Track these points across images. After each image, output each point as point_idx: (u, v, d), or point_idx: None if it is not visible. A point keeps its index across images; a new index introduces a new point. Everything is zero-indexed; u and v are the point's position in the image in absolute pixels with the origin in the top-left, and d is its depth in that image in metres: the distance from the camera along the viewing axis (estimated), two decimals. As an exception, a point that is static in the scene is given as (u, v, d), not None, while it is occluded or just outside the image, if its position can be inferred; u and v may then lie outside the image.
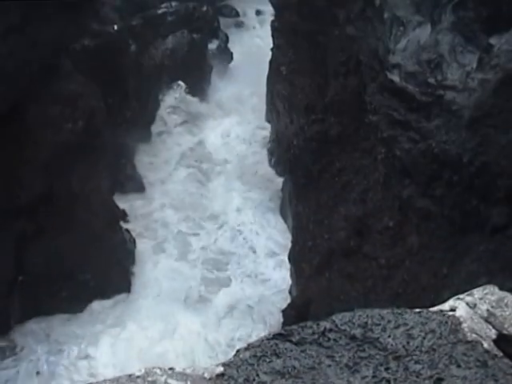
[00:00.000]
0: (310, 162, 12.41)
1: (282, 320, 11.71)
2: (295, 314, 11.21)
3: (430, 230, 8.98)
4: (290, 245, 13.07)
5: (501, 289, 2.88)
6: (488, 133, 7.79)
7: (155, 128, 17.20)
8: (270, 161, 16.47)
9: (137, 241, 13.71)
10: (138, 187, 15.23)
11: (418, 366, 2.47)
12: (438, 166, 8.52)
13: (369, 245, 10.40)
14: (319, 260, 11.77)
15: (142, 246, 13.86)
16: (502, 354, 2.55)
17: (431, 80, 8.61)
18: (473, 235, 8.29)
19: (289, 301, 12.32)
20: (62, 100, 11.37)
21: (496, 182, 7.83)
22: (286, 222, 14.42)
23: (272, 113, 16.02)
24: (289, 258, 12.98)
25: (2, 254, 10.86)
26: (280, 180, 15.09)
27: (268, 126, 16.67)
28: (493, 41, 7.91)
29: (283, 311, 11.76)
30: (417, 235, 9.29)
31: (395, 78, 9.15)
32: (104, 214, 12.49)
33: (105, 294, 12.54)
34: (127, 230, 13.36)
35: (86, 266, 12.07)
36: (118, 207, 13.54)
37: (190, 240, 14.43)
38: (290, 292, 12.75)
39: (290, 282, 12.88)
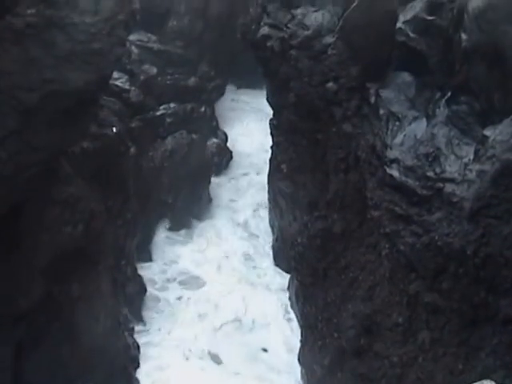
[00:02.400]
0: (315, 260, 12.68)
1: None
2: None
3: (441, 325, 9.16)
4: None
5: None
6: (490, 224, 8.12)
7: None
8: (274, 259, 16.83)
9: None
10: (140, 289, 15.47)
11: None
12: (442, 258, 8.80)
13: (379, 343, 10.55)
14: (330, 360, 11.89)
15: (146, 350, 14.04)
16: None
17: (430, 173, 9.01)
18: (485, 328, 8.49)
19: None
20: (61, 203, 11.54)
21: (502, 272, 8.10)
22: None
23: (275, 210, 16.41)
24: (298, 359, 13.09)
25: (-1, 365, 10.89)
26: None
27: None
28: (487, 132, 8.36)
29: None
30: (428, 331, 9.48)
31: (394, 172, 9.57)
32: (106, 319, 12.60)
33: (109, 404, 12.53)
34: (130, 335, 13.48)
35: (88, 374, 12.05)
36: (120, 311, 13.67)
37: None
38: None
39: None
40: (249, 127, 22.00)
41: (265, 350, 14.25)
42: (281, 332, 14.70)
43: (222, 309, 15.56)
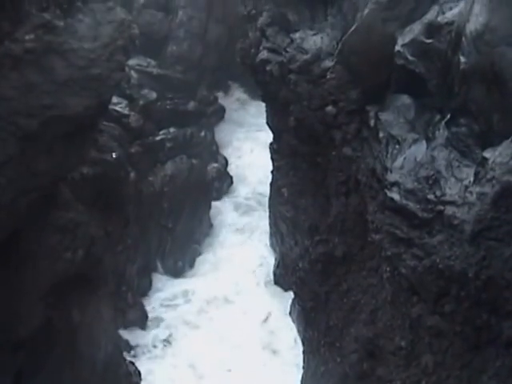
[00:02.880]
0: (317, 284, 12.70)
1: None
2: None
3: (444, 348, 9.16)
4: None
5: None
6: (491, 246, 8.14)
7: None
8: (276, 284, 16.87)
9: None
10: (141, 316, 15.49)
11: None
12: (444, 281, 8.81)
13: (382, 367, 10.55)
14: (333, 385, 11.91)
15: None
16: None
17: (430, 196, 9.04)
18: (487, 350, 8.48)
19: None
20: (61, 229, 11.59)
21: (503, 295, 8.11)
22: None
23: (276, 235, 16.45)
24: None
25: (-2, 395, 10.81)
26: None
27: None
28: (487, 154, 8.40)
29: None
30: (431, 354, 9.47)
31: (395, 195, 9.60)
32: (106, 346, 12.60)
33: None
34: (131, 362, 13.47)
35: (89, 403, 12.09)
36: (121, 337, 13.68)
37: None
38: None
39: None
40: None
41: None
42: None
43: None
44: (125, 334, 14.67)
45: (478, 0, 8.75)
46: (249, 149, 22.04)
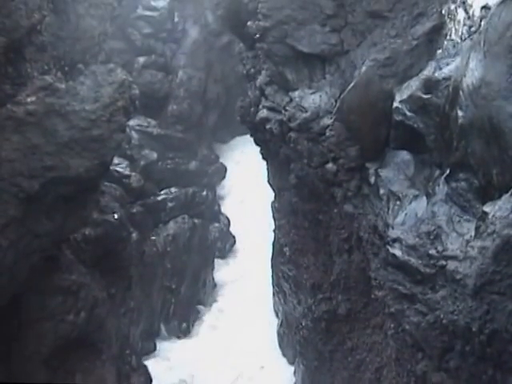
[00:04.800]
0: (321, 343, 12.68)
1: None
2: None
3: (451, 406, 9.16)
4: None
5: None
6: (494, 300, 8.15)
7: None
8: (279, 345, 16.79)
9: None
10: (145, 380, 15.40)
11: None
12: (448, 337, 8.79)
13: (389, 426, 10.53)
14: None
15: None
16: None
17: (432, 251, 9.09)
18: (495, 406, 8.49)
19: None
20: (63, 291, 11.68)
21: (508, 349, 8.08)
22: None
23: (278, 295, 16.44)
24: None
25: None
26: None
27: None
28: (487, 208, 8.47)
29: None
30: (437, 412, 9.47)
31: (397, 252, 9.67)
32: (110, 411, 12.58)
33: None
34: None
35: None
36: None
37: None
38: None
39: None
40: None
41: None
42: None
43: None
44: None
45: (474, 55, 8.91)
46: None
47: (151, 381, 15.88)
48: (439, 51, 10.44)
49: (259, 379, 16.33)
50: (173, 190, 19.15)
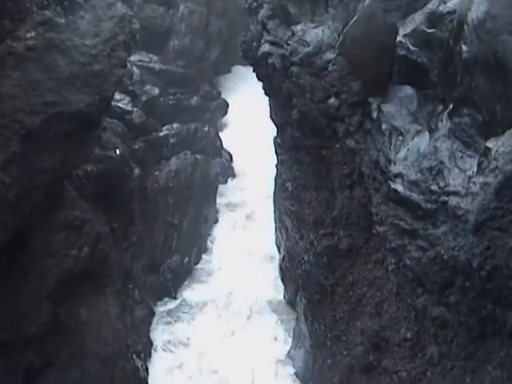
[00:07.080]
0: (323, 278, 12.76)
1: None
2: None
3: (449, 339, 9.21)
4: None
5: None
6: (495, 236, 8.15)
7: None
8: (282, 280, 16.95)
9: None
10: (148, 313, 15.59)
11: None
12: (448, 272, 8.84)
13: (388, 359, 10.64)
14: (339, 378, 11.98)
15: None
16: None
17: (434, 187, 9.07)
18: (492, 340, 8.51)
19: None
20: (66, 227, 11.70)
21: (508, 284, 8.11)
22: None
23: (281, 230, 16.51)
24: (308, 378, 13.16)
25: (9, 390, 10.92)
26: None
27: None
28: (490, 144, 8.39)
29: None
30: (436, 345, 9.54)
31: (399, 187, 9.65)
32: (114, 342, 12.70)
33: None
34: (139, 357, 13.60)
35: (97, 398, 12.19)
36: (128, 334, 13.77)
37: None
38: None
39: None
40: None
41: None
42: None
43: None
44: (132, 330, 14.80)
45: (479, -12, 8.76)
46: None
47: (154, 314, 16.08)
48: (444, -16, 10.20)
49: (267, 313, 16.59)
50: (175, 125, 19.05)
